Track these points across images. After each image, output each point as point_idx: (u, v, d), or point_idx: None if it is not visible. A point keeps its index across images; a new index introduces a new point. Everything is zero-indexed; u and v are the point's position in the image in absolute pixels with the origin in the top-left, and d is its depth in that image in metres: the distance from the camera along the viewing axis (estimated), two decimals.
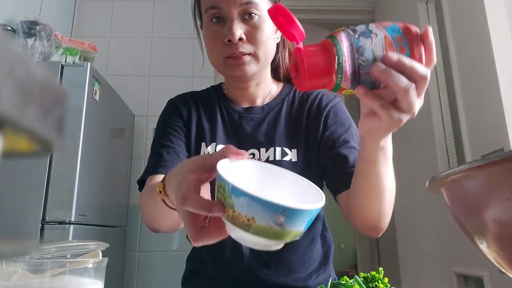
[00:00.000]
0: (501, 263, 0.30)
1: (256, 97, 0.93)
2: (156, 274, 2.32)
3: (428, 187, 0.35)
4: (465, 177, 0.30)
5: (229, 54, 0.82)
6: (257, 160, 0.84)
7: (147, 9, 2.73)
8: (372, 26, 0.50)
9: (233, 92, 0.96)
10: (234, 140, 0.89)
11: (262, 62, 0.85)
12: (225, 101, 0.95)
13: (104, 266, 0.58)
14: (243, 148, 0.86)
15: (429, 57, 0.50)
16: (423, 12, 2.17)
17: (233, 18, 0.81)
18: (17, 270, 0.53)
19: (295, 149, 0.86)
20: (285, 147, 0.86)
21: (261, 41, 0.82)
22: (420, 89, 0.50)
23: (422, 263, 2.15)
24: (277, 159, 0.84)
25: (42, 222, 1.53)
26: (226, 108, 0.94)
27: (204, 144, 0.88)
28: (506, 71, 1.48)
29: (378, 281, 0.60)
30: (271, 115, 0.91)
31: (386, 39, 0.49)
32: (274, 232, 0.40)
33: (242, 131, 0.90)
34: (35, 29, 1.78)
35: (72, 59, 1.90)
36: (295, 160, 0.85)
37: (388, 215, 0.75)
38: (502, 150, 1.45)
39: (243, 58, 0.82)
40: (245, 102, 0.94)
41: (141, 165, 2.46)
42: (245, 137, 0.89)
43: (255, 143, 0.88)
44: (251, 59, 0.83)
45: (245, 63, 0.82)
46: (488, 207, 0.28)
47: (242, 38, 0.81)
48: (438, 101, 2.04)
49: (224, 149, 0.47)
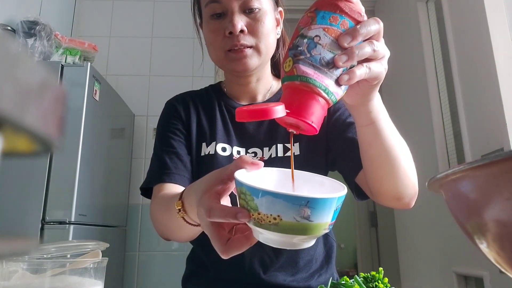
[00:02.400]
0: (501, 263, 0.30)
1: (257, 93, 0.93)
2: (156, 274, 2.32)
3: (428, 187, 0.35)
4: (465, 177, 0.30)
5: (230, 47, 0.81)
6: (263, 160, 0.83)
7: (147, 9, 2.73)
8: (306, 32, 0.49)
9: (234, 88, 0.95)
10: (233, 138, 0.88)
11: (263, 55, 0.84)
12: (224, 99, 0.94)
13: (104, 266, 0.58)
14: (244, 147, 0.86)
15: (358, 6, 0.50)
16: (423, 12, 2.17)
17: (234, 10, 0.81)
18: (17, 270, 0.53)
19: (297, 143, 0.85)
20: (287, 142, 0.85)
21: (263, 33, 0.82)
22: (379, 38, 0.50)
23: (422, 263, 2.15)
24: (279, 156, 0.83)
25: (42, 222, 1.53)
26: (226, 106, 0.93)
27: (204, 144, 0.87)
28: (506, 71, 1.48)
29: (378, 281, 0.60)
30: None
31: (327, 30, 0.48)
32: (303, 227, 0.40)
33: (243, 129, 0.89)
34: (35, 29, 1.78)
35: (72, 59, 1.90)
36: (298, 154, 0.84)
37: (411, 180, 0.72)
38: (502, 150, 1.45)
39: (244, 51, 0.81)
40: (245, 99, 0.93)
41: (141, 165, 2.46)
42: (247, 136, 0.88)
43: (256, 142, 0.87)
44: (253, 52, 0.82)
45: (246, 56, 0.82)
46: (488, 207, 0.28)
47: (244, 30, 0.80)
48: (438, 101, 2.04)
49: (238, 160, 0.47)
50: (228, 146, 0.87)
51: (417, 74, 2.17)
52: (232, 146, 0.87)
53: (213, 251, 0.48)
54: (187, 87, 2.36)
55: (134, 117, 2.47)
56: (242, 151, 0.86)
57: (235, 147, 0.87)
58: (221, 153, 0.85)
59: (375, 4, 2.80)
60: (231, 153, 0.86)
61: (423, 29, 2.13)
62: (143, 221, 2.39)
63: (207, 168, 0.82)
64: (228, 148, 0.87)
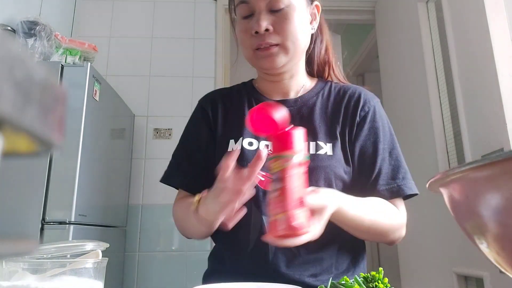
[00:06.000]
0: (501, 263, 0.30)
1: (289, 90, 0.93)
2: (156, 274, 2.32)
3: (428, 187, 0.35)
4: (465, 177, 0.30)
5: (257, 46, 0.84)
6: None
7: (147, 9, 2.73)
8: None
9: (266, 85, 0.96)
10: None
11: (291, 53, 0.85)
12: (255, 94, 0.96)
13: (104, 266, 0.58)
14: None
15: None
16: (423, 12, 2.17)
17: (260, 10, 0.83)
18: (17, 270, 0.53)
19: (330, 143, 0.85)
20: (320, 141, 0.85)
21: (289, 31, 0.83)
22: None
23: (422, 263, 2.15)
24: (311, 153, 0.83)
25: (42, 222, 1.53)
26: (256, 102, 0.94)
27: (232, 141, 0.89)
28: (506, 71, 1.48)
29: (378, 281, 0.60)
30: (304, 108, 0.90)
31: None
32: None
33: None
34: (35, 29, 1.78)
35: (72, 59, 1.90)
36: (331, 154, 0.84)
37: (389, 235, 0.82)
38: (502, 150, 1.45)
39: (271, 49, 0.83)
40: (277, 95, 0.94)
41: (141, 165, 2.46)
42: None
43: None
44: (279, 50, 0.84)
45: (273, 54, 0.84)
46: (488, 207, 0.28)
47: (269, 29, 0.83)
48: (438, 101, 2.04)
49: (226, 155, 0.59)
50: (255, 140, 0.88)
51: (417, 74, 2.17)
52: (259, 140, 0.88)
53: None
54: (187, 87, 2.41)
55: (134, 118, 2.47)
56: (270, 145, 0.87)
57: (262, 141, 0.87)
58: (247, 148, 0.87)
59: (375, 4, 2.80)
60: (258, 147, 0.87)
61: (423, 29, 2.13)
62: (143, 221, 2.39)
63: (237, 163, 0.83)
64: (255, 142, 0.88)
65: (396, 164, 0.85)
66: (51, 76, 0.17)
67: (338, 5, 2.82)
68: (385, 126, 0.89)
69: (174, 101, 2.49)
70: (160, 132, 2.50)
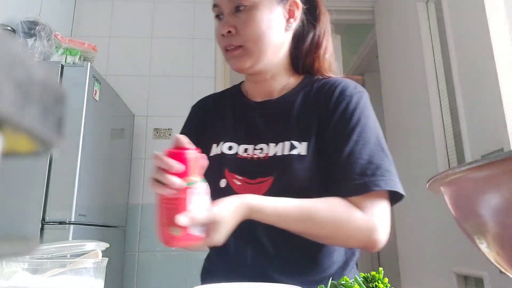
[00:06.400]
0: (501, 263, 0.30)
1: (272, 90, 0.92)
2: (156, 274, 2.32)
3: (428, 187, 0.35)
4: (465, 177, 0.30)
5: (223, 47, 0.86)
6: (267, 157, 0.84)
7: (147, 9, 2.73)
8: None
9: (250, 86, 0.96)
10: (242, 136, 0.88)
11: (256, 54, 0.84)
12: (240, 97, 0.96)
13: (104, 266, 0.58)
14: (250, 143, 0.88)
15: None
16: (423, 12, 2.17)
17: (225, 12, 0.85)
18: (17, 270, 0.53)
19: (305, 142, 0.81)
20: (295, 140, 0.82)
21: (251, 33, 0.82)
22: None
23: (422, 263, 2.15)
24: (285, 154, 0.81)
25: (42, 222, 1.53)
26: (239, 104, 0.94)
27: (215, 145, 0.89)
28: (506, 71, 1.48)
29: (378, 281, 0.60)
30: (285, 108, 0.88)
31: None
32: None
33: (253, 127, 0.89)
34: (35, 29, 1.78)
35: (72, 59, 1.90)
36: (304, 154, 0.80)
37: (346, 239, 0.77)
38: (502, 150, 1.45)
39: (234, 51, 0.84)
40: (261, 96, 0.93)
41: (141, 165, 2.46)
42: (255, 132, 0.88)
43: (264, 138, 0.86)
44: (242, 52, 0.84)
45: (236, 56, 0.84)
46: (488, 207, 0.28)
47: (231, 31, 0.83)
48: (438, 101, 2.04)
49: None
50: (234, 144, 0.88)
51: (417, 74, 2.17)
52: (239, 144, 0.87)
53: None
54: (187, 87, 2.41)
55: (134, 117, 2.47)
56: (250, 148, 0.86)
57: (242, 145, 0.87)
58: (227, 152, 0.87)
59: (375, 4, 2.80)
60: (237, 152, 0.86)
61: (423, 29, 2.13)
62: (143, 221, 2.39)
63: (216, 168, 0.84)
64: (235, 146, 0.87)
65: (367, 159, 0.76)
66: (51, 76, 0.17)
67: (337, 5, 2.82)
68: (362, 117, 0.81)
69: (174, 101, 2.48)
70: (160, 132, 2.50)
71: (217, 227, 0.67)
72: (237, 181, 0.83)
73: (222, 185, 0.84)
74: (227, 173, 0.84)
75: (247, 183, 0.83)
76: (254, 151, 0.85)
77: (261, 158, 0.84)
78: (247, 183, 0.83)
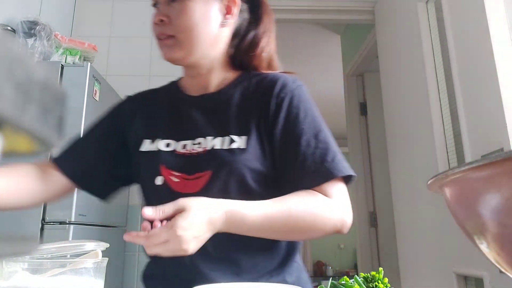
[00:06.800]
0: (501, 263, 0.30)
1: (209, 84, 0.91)
2: None
3: (428, 187, 0.35)
4: (465, 177, 0.30)
5: (157, 35, 0.86)
6: (205, 151, 0.82)
7: (147, 9, 2.72)
8: None
9: (187, 81, 0.95)
10: (179, 132, 0.87)
11: (187, 46, 0.83)
12: (176, 92, 0.95)
13: (104, 266, 0.58)
14: (188, 138, 0.86)
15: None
16: (423, 12, 2.17)
17: (161, 1, 0.85)
18: (17, 270, 0.53)
19: (245, 136, 0.81)
20: (234, 134, 0.81)
21: (183, 24, 0.82)
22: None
23: (422, 263, 2.15)
24: (224, 148, 0.80)
25: (42, 222, 1.53)
26: (176, 100, 0.93)
27: (149, 141, 0.87)
28: (506, 71, 1.48)
29: (378, 281, 0.60)
30: (222, 102, 0.87)
31: None
32: None
33: (191, 122, 0.87)
34: (35, 29, 1.78)
35: (72, 59, 1.90)
36: (244, 147, 0.80)
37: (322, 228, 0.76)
38: (502, 150, 1.45)
39: (166, 40, 0.84)
40: (197, 90, 0.92)
41: None
42: (192, 127, 0.86)
43: (202, 132, 0.85)
44: (174, 42, 0.84)
45: (166, 45, 0.85)
46: (488, 207, 0.28)
47: (164, 19, 0.83)
48: (438, 101, 2.04)
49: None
50: (172, 141, 0.86)
51: (417, 74, 2.17)
52: (177, 140, 0.86)
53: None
54: None
55: None
56: (188, 143, 0.85)
57: (181, 141, 0.85)
58: (164, 149, 0.85)
59: (375, 4, 2.80)
60: (175, 148, 0.85)
61: (422, 29, 2.13)
62: (143, 221, 2.38)
63: (151, 165, 0.84)
64: (173, 143, 0.86)
65: (324, 147, 0.79)
66: (51, 76, 0.17)
67: (337, 5, 2.83)
68: (308, 109, 0.83)
69: None
70: None
71: (185, 215, 0.64)
72: (175, 178, 0.81)
73: (158, 182, 0.82)
74: (164, 170, 0.83)
75: (185, 179, 0.81)
76: (192, 146, 0.84)
77: (200, 152, 0.82)
78: (185, 179, 0.81)
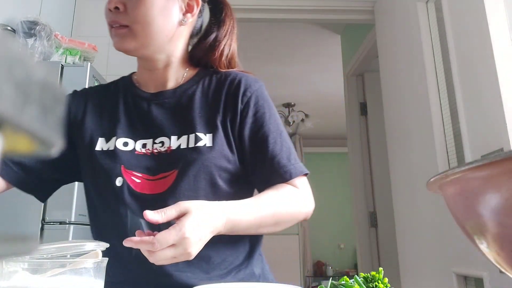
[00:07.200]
0: (501, 263, 0.30)
1: (167, 80, 0.89)
2: None
3: (428, 187, 0.35)
4: (465, 177, 0.30)
5: (110, 23, 0.83)
6: (170, 150, 0.82)
7: None
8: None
9: (143, 76, 0.92)
10: (138, 130, 0.85)
11: (141, 38, 0.81)
12: (132, 89, 0.91)
13: (104, 266, 0.58)
14: (148, 137, 0.84)
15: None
16: (423, 12, 2.17)
17: None
18: (17, 270, 0.53)
19: (210, 134, 0.81)
20: (200, 132, 0.81)
21: (139, 15, 0.80)
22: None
23: (422, 263, 2.15)
24: (190, 146, 0.80)
25: (42, 222, 1.53)
26: (132, 97, 0.90)
27: (103, 139, 0.84)
28: (506, 71, 1.48)
29: (378, 281, 0.60)
30: (184, 99, 0.86)
31: None
32: None
33: (150, 119, 0.85)
34: (35, 29, 1.78)
35: (72, 59, 1.90)
36: (210, 145, 0.80)
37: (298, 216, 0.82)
38: (502, 150, 1.45)
39: (119, 30, 0.82)
40: (154, 87, 0.90)
41: None
42: (153, 126, 0.85)
43: (165, 131, 0.83)
44: (128, 33, 0.81)
45: (120, 34, 0.82)
46: (488, 207, 0.28)
47: (119, 7, 0.80)
48: (438, 101, 2.04)
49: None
50: (131, 140, 0.84)
51: (416, 74, 2.17)
52: (136, 139, 0.84)
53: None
54: None
55: None
56: (148, 142, 0.83)
57: (140, 140, 0.84)
58: (122, 148, 0.82)
59: (375, 4, 2.80)
60: (134, 148, 0.83)
61: (422, 29, 2.13)
62: None
63: (109, 165, 0.81)
64: (131, 142, 0.84)
65: (287, 145, 0.84)
66: (51, 76, 0.17)
67: (337, 5, 2.82)
68: (271, 110, 0.86)
69: None
70: None
71: (190, 217, 0.63)
72: (136, 179, 0.80)
73: (118, 183, 0.80)
74: (124, 170, 0.80)
75: (147, 180, 0.80)
76: (154, 145, 0.82)
77: (163, 152, 0.81)
78: (147, 180, 0.80)
